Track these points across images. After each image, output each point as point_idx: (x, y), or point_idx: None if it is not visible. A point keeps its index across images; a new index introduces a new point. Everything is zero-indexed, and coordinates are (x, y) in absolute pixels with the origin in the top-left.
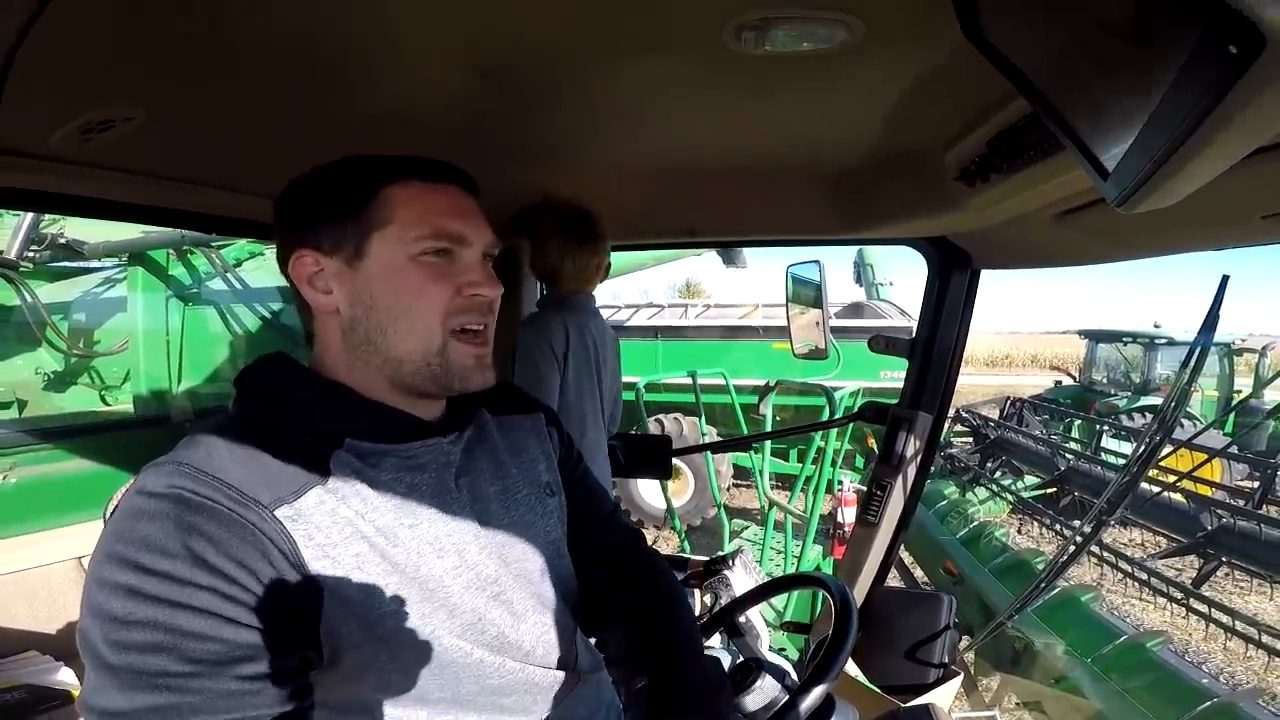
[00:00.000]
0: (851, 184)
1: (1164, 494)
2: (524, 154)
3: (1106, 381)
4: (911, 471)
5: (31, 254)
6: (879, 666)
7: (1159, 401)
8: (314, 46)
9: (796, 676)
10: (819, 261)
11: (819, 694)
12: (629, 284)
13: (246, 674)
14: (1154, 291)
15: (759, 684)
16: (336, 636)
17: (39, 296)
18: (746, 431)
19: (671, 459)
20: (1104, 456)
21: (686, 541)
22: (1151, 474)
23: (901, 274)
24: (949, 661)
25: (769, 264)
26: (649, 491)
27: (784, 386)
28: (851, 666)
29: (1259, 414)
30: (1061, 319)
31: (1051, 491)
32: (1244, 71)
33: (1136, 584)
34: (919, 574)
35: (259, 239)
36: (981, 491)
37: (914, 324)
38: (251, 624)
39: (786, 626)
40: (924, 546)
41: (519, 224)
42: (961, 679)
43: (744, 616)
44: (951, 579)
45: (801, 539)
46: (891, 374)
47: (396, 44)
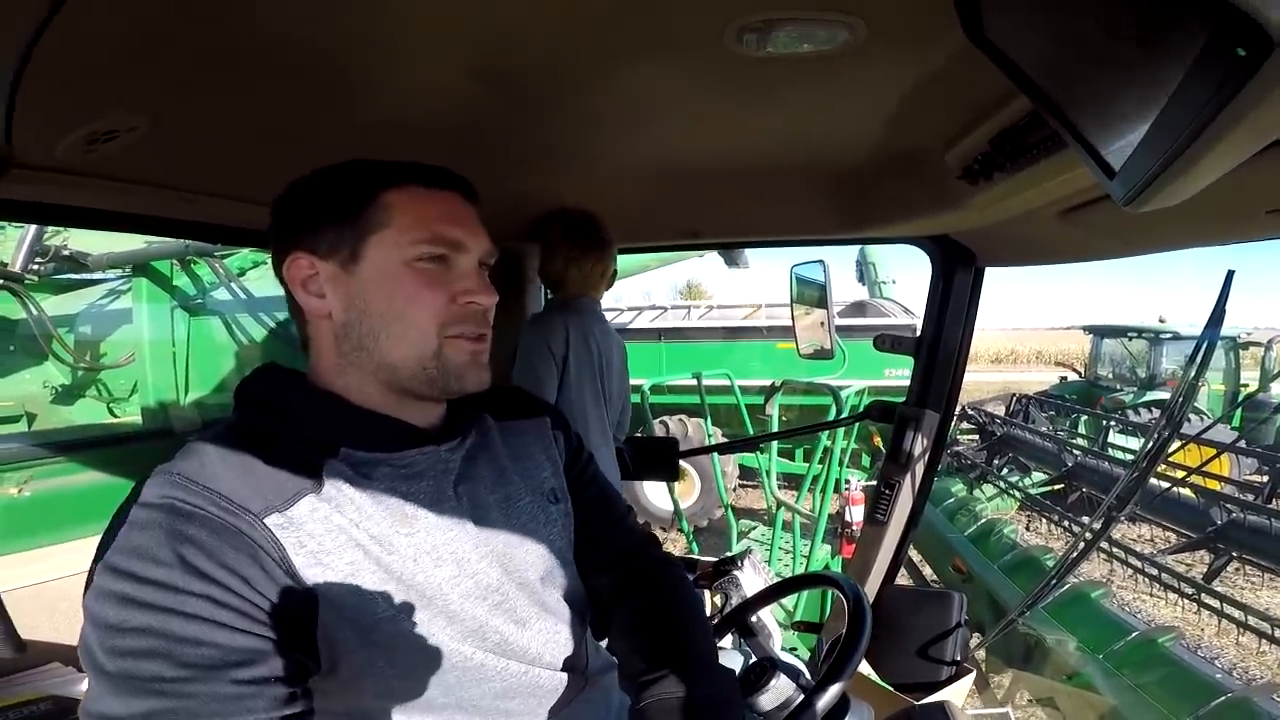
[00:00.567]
0: (854, 183)
1: (1173, 489)
2: (525, 159)
3: (1112, 377)
4: (920, 469)
5: (36, 266)
6: (891, 665)
7: (1165, 396)
8: (317, 54)
9: (810, 676)
10: (823, 261)
11: (835, 692)
12: (631, 286)
13: (241, 678)
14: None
15: (774, 683)
16: (333, 643)
17: (44, 309)
18: (752, 432)
19: (679, 461)
20: (1111, 452)
21: (694, 543)
22: (1160, 469)
23: (904, 272)
24: (961, 659)
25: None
26: (655, 494)
27: (790, 386)
28: (864, 665)
29: (1266, 408)
30: (1066, 315)
31: (1059, 488)
32: (1253, 74)
33: (1147, 580)
34: (927, 572)
35: (264, 248)
36: (989, 489)
37: (917, 322)
38: (245, 629)
39: (797, 626)
40: (932, 544)
41: (531, 230)
42: (974, 676)
43: (756, 616)
44: (960, 576)
45: (810, 539)
46: (896, 372)
47: (398, 51)
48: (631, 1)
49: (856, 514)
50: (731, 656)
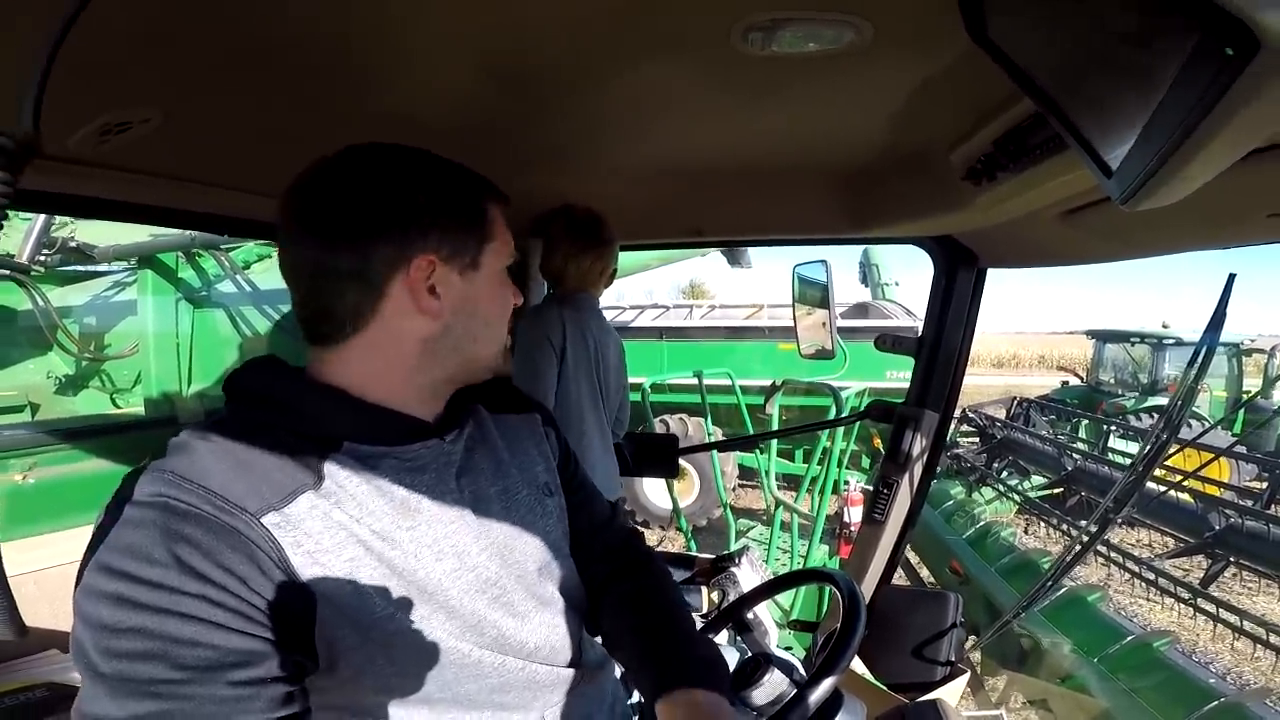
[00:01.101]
0: (857, 183)
1: (1171, 494)
2: (531, 156)
3: (1114, 382)
4: (918, 470)
5: (43, 258)
6: (885, 664)
7: (1166, 402)
8: (328, 50)
9: (804, 672)
10: (826, 261)
11: (827, 686)
12: (634, 285)
13: (238, 680)
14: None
15: (767, 678)
16: (332, 642)
17: (50, 300)
18: (752, 432)
19: (678, 458)
20: (1111, 457)
21: (693, 541)
22: (1159, 474)
23: (907, 273)
24: (955, 660)
25: (773, 264)
26: (654, 492)
27: (790, 386)
28: (858, 664)
29: (1267, 413)
30: (1069, 319)
31: (1058, 492)
32: (1240, 73)
33: (1143, 584)
34: (925, 574)
35: (273, 240)
36: (988, 491)
37: (919, 324)
38: (242, 630)
39: (793, 625)
40: (930, 546)
41: (535, 226)
42: (968, 677)
43: (752, 613)
44: (958, 578)
45: (808, 539)
46: (897, 374)
47: (408, 48)
48: (640, 1)
49: (855, 515)
50: (727, 653)
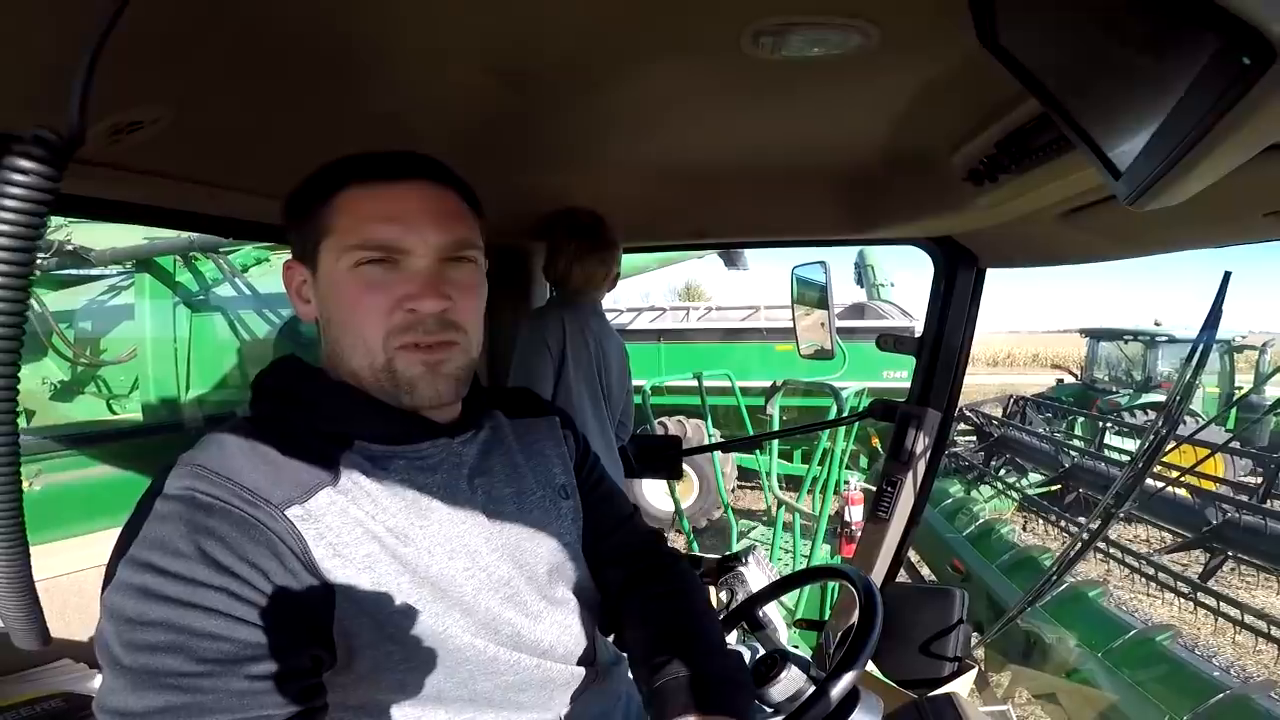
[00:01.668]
0: (860, 185)
1: (1169, 489)
2: (536, 157)
3: (1108, 379)
4: (921, 467)
5: (39, 261)
6: (893, 660)
7: (1160, 399)
8: (336, 50)
9: (817, 669)
10: (824, 262)
11: (849, 680)
12: (630, 288)
13: (257, 673)
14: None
15: (785, 674)
16: (349, 636)
17: (46, 304)
18: (752, 433)
19: (681, 459)
20: (1107, 453)
21: (695, 543)
22: (1156, 469)
23: (902, 273)
24: (963, 655)
25: (770, 266)
26: (655, 494)
27: (791, 387)
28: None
29: (1260, 410)
30: (1063, 318)
31: (1056, 488)
32: (1256, 81)
33: (1143, 579)
34: (926, 572)
35: (282, 243)
36: (987, 489)
37: (915, 324)
38: (263, 623)
39: (800, 624)
40: (931, 544)
41: (538, 228)
42: (975, 673)
43: (762, 611)
44: (959, 576)
45: (810, 539)
46: (894, 374)
47: (418, 47)
48: (650, 4)
49: (856, 514)
50: (740, 651)
